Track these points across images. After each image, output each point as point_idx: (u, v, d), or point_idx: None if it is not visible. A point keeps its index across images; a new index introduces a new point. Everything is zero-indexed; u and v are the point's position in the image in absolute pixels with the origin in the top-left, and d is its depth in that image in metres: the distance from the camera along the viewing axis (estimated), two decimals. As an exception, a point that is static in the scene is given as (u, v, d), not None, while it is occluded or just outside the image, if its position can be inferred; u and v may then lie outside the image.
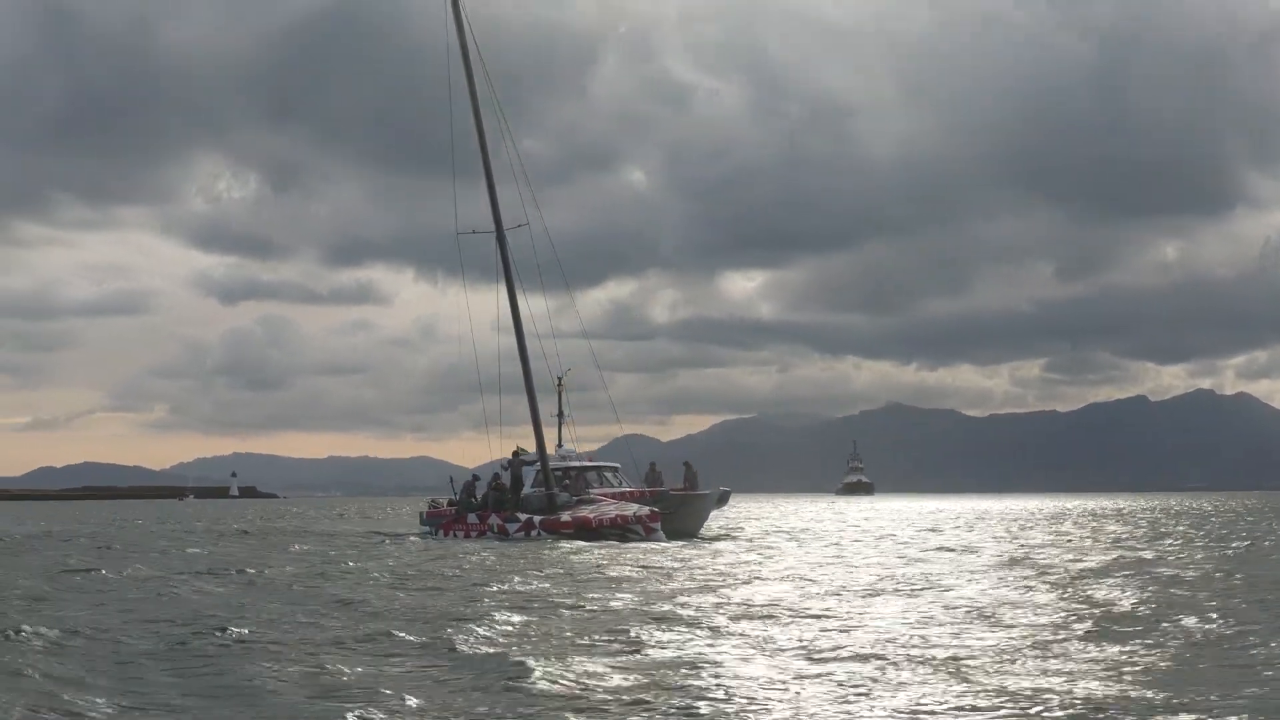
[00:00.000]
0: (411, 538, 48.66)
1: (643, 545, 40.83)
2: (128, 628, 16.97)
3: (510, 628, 16.99)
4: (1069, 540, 43.55)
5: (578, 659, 13.94)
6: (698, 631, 16.49)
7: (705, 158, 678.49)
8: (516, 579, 25.82)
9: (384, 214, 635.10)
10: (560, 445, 52.08)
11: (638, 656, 14.30)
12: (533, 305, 49.16)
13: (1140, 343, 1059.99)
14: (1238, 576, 25.36)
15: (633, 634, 16.07)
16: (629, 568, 29.52)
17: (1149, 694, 11.67)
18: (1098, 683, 12.28)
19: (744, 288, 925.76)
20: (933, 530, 55.06)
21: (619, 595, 21.79)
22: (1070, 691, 11.82)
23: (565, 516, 46.03)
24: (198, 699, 11.94)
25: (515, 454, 49.69)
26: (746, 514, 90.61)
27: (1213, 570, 27.27)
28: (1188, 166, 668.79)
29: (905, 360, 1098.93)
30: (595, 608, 19.70)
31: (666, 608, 19.38)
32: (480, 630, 16.54)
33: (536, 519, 46.41)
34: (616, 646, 15.07)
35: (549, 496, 47.54)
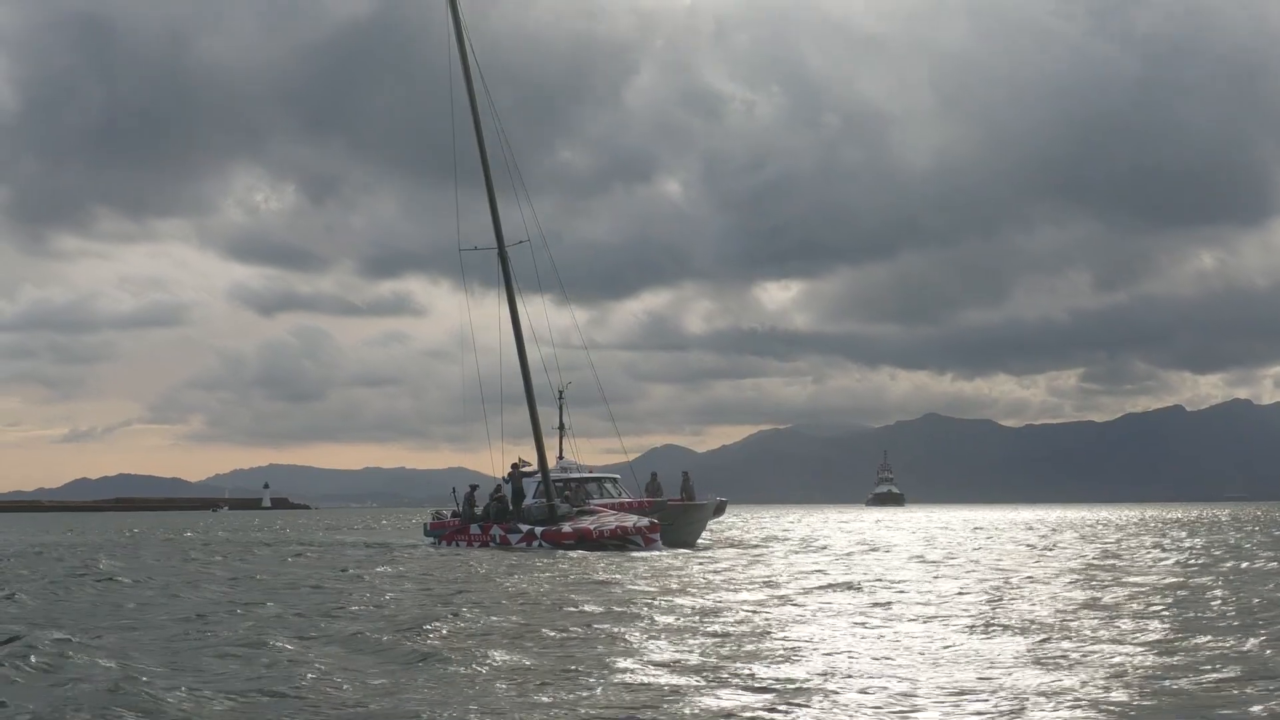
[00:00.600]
0: (408, 545, 49.43)
1: (642, 554, 41.53)
2: None
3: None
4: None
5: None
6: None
7: (741, 168, 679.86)
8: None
9: (421, 225, 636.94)
10: (561, 457, 52.58)
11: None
12: (535, 318, 49.75)
13: (1177, 352, 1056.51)
14: None
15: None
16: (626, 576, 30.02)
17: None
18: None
19: (780, 298, 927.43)
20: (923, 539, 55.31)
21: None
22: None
23: (566, 527, 46.60)
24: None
25: (515, 466, 50.30)
26: (758, 523, 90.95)
27: None
28: (1225, 176, 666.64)
29: (942, 370, 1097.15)
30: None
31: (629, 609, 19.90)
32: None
33: (538, 530, 47.02)
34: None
35: (550, 507, 48.12)
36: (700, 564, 35.95)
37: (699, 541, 50.26)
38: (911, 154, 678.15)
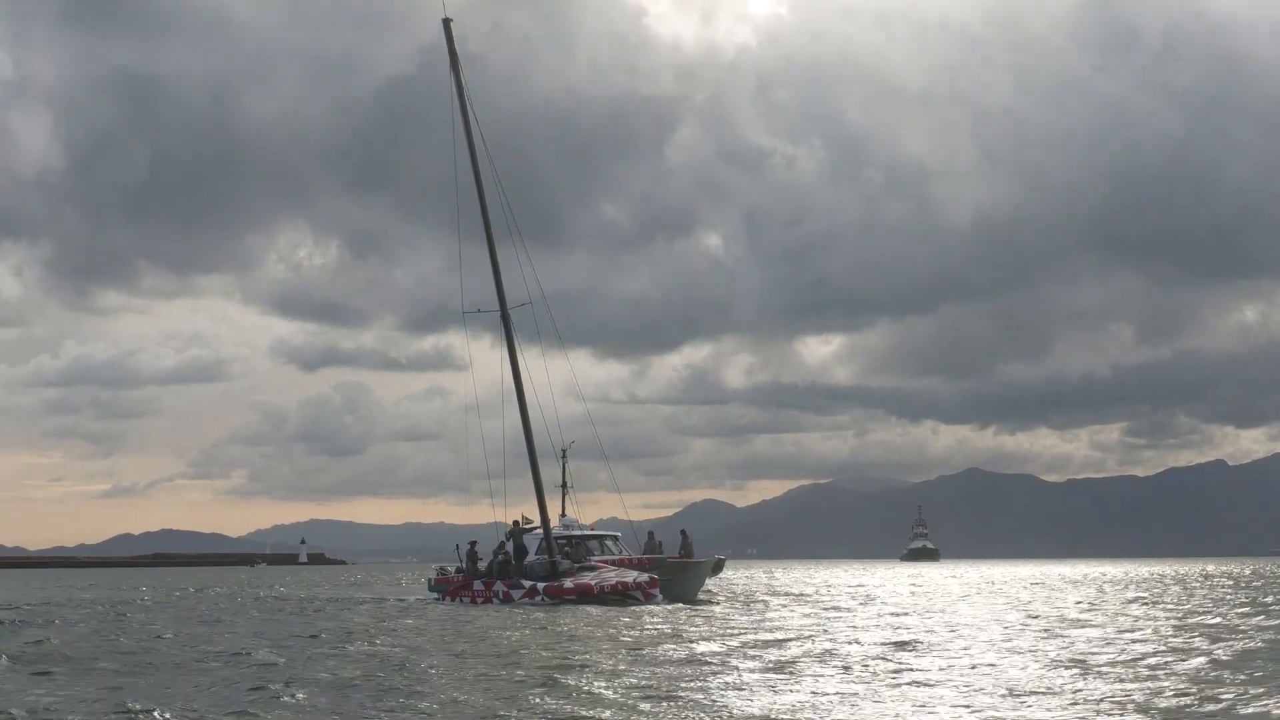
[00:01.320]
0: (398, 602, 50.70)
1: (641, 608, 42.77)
2: None
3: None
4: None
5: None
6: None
7: (782, 223, 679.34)
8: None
9: (464, 280, 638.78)
10: (564, 515, 53.72)
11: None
12: (537, 378, 51.00)
13: (1220, 407, 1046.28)
14: None
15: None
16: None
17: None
18: None
19: (820, 352, 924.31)
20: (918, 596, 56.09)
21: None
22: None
23: (568, 583, 47.75)
24: None
25: (516, 523, 51.48)
26: (774, 579, 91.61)
27: None
28: (1268, 230, 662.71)
29: (984, 424, 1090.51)
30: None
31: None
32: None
33: (540, 585, 48.15)
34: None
35: (551, 563, 49.27)
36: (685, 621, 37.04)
37: (698, 597, 51.28)
38: (953, 208, 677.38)
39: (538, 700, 17.50)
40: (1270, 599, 49.67)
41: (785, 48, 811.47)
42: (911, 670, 21.42)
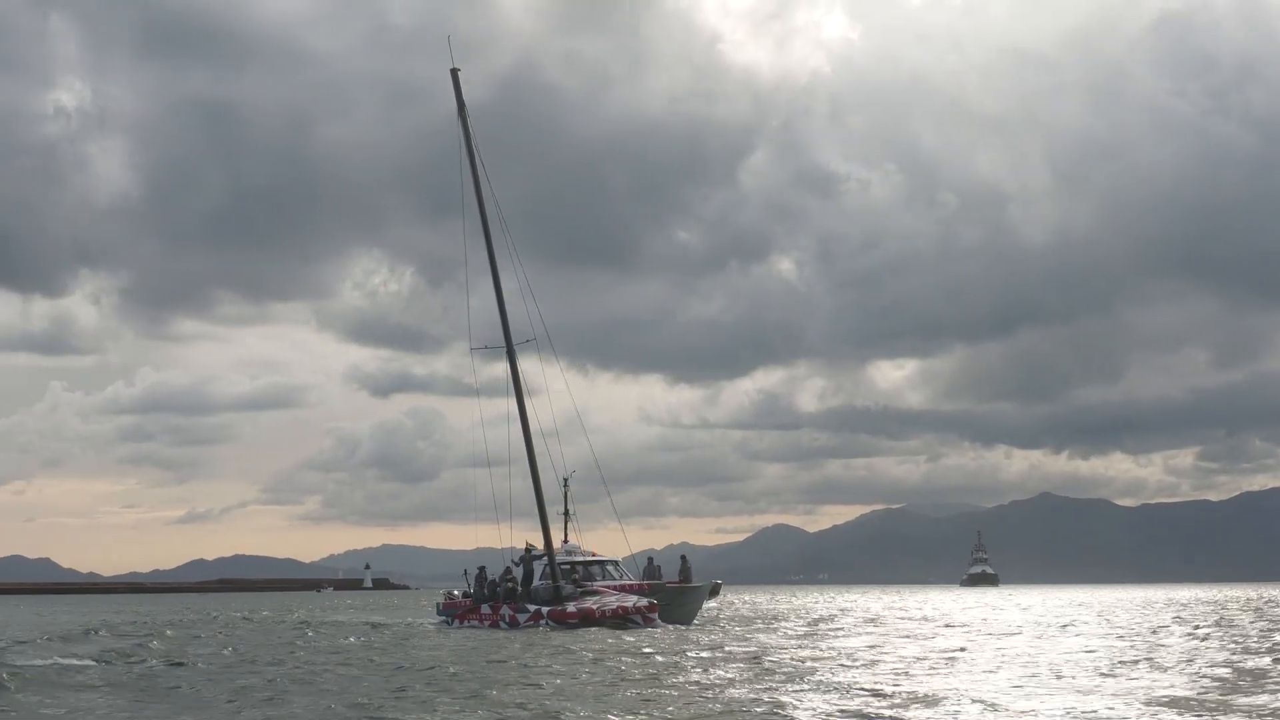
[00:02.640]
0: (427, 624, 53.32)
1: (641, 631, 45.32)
2: None
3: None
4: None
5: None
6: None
7: (856, 247, 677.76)
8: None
9: (536, 307, 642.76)
10: (566, 541, 56.12)
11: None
12: (542, 411, 53.60)
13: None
14: None
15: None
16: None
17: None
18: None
19: (893, 377, 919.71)
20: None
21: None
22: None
23: (571, 607, 50.20)
24: None
25: (527, 550, 54.00)
26: (801, 603, 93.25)
27: None
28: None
29: (1057, 449, 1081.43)
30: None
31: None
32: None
33: (545, 609, 50.64)
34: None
35: (556, 589, 51.73)
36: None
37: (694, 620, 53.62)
38: (1028, 232, 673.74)
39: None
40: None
41: (858, 72, 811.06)
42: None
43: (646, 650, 34.65)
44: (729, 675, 26.11)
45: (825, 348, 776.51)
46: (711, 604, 65.14)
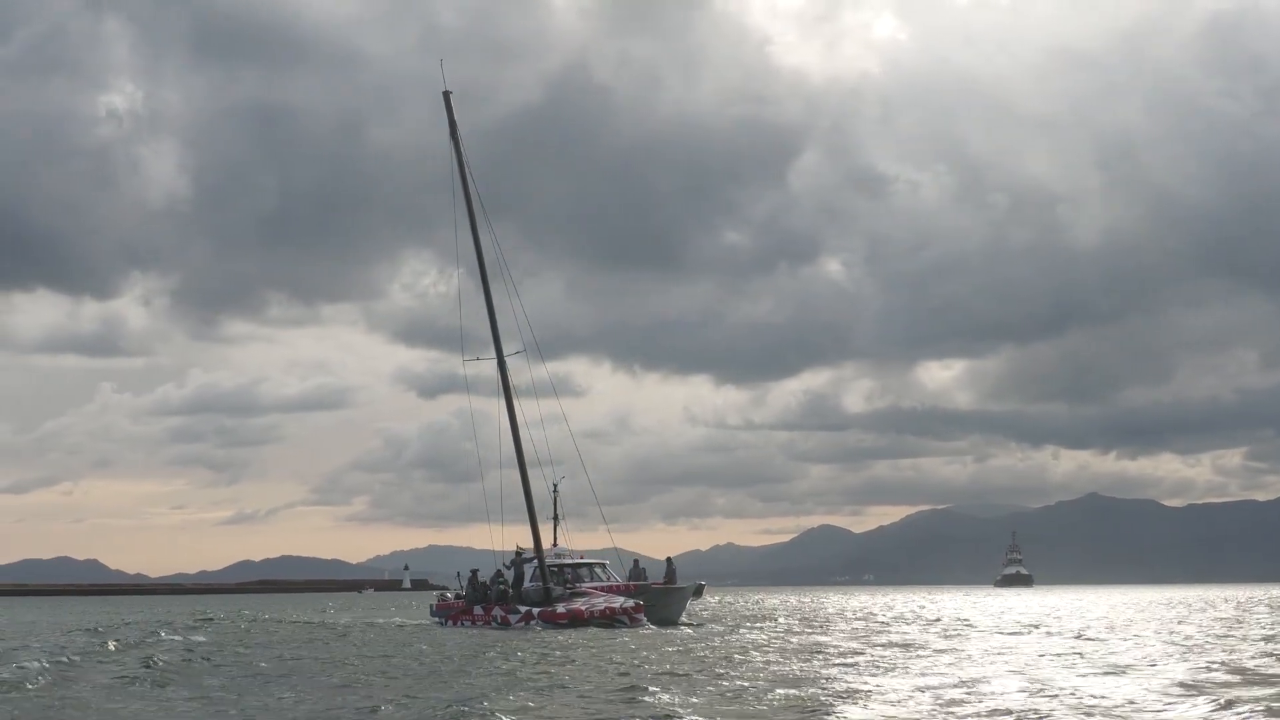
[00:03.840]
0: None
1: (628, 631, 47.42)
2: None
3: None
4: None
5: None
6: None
7: (905, 249, 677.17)
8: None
9: (584, 307, 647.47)
10: (555, 544, 58.23)
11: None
12: (530, 417, 55.80)
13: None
14: None
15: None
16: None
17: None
18: None
19: (941, 377, 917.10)
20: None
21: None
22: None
23: (560, 608, 52.33)
24: None
25: (518, 552, 56.22)
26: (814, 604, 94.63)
27: None
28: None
29: (1105, 449, 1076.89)
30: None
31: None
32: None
33: (535, 610, 52.79)
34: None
35: (545, 590, 53.88)
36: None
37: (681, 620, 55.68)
38: (1077, 233, 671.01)
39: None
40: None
41: (907, 73, 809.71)
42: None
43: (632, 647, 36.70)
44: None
45: (873, 349, 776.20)
46: (711, 601, 67.19)
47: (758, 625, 54.82)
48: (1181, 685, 23.76)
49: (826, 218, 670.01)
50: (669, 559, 58.98)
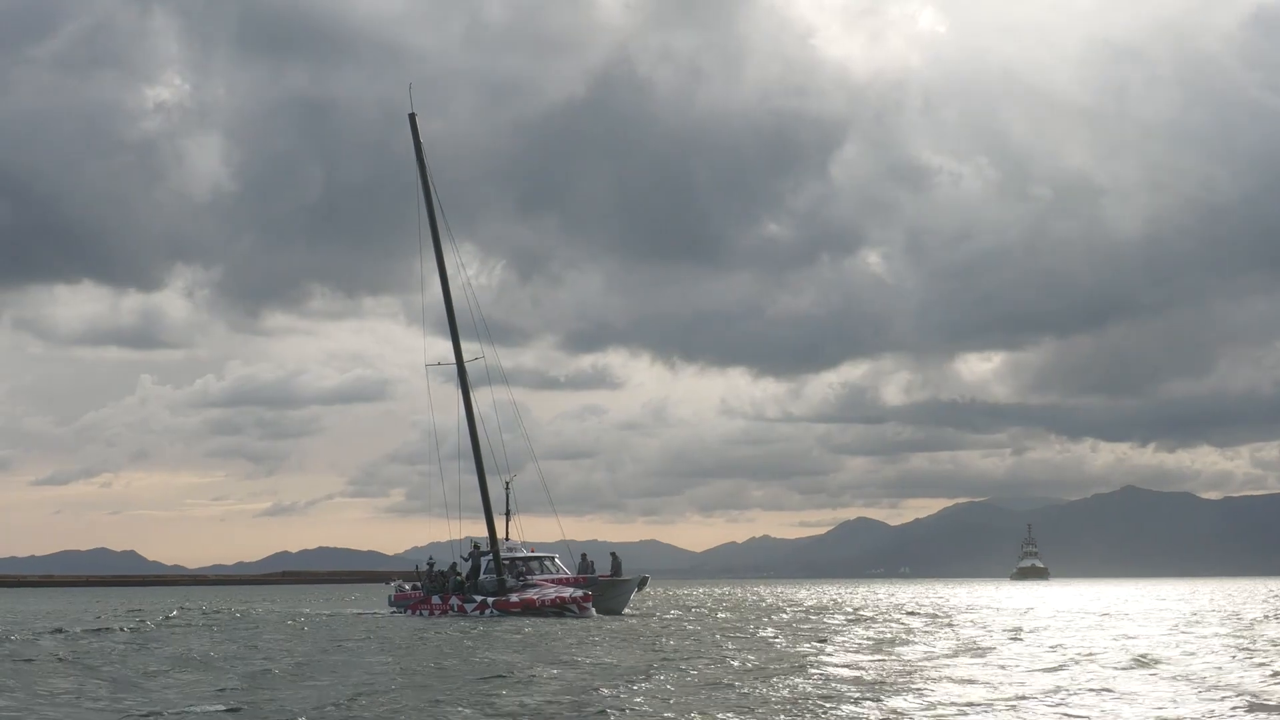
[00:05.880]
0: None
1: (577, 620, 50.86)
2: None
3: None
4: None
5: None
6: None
7: (947, 240, 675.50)
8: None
9: (624, 300, 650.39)
10: (507, 538, 61.69)
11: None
12: (487, 418, 59.22)
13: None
14: None
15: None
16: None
17: None
18: None
19: (980, 370, 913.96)
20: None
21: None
22: None
23: (514, 598, 55.93)
24: None
25: (475, 546, 59.84)
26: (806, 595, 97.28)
27: None
28: None
29: (1144, 442, 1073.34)
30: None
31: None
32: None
33: (490, 600, 56.38)
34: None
35: (500, 581, 57.45)
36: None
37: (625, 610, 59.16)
38: (1120, 224, 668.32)
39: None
40: None
41: (950, 65, 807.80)
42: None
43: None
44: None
45: (912, 341, 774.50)
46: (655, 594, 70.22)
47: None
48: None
49: (868, 210, 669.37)
50: (613, 554, 62.37)
